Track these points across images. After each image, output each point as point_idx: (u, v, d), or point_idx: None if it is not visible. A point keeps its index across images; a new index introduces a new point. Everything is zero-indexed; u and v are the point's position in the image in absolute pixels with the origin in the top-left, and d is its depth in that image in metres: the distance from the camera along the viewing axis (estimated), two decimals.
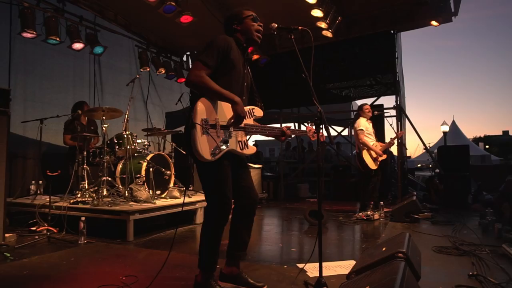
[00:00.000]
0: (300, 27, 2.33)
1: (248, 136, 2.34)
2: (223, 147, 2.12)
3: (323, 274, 2.17)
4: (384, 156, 5.57)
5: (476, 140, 41.01)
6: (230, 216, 2.30)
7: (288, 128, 2.51)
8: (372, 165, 5.42)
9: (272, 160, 11.70)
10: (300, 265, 2.85)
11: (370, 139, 5.52)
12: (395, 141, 5.90)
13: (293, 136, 2.53)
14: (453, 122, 20.77)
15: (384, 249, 2.36)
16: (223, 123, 2.17)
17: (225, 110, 2.20)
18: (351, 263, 2.89)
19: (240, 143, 2.26)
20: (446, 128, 16.75)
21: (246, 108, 2.33)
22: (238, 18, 2.36)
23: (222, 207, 2.18)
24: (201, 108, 2.07)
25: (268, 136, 2.53)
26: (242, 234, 2.40)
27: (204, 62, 2.11)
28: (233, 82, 2.24)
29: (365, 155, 5.42)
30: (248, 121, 2.33)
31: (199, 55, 2.17)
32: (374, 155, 5.46)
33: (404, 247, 2.17)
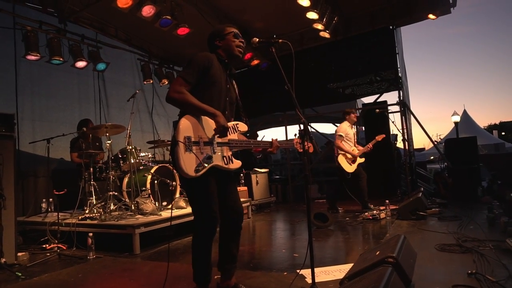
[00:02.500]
0: (280, 40, 2.36)
1: (232, 151, 2.38)
2: (206, 163, 2.17)
3: (322, 280, 2.21)
4: (362, 160, 5.77)
5: (491, 127, 40.04)
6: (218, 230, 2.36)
7: (277, 141, 2.54)
8: (349, 168, 5.61)
9: (281, 163, 11.69)
10: (300, 271, 2.88)
11: (348, 144, 5.72)
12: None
13: (279, 147, 2.55)
14: (464, 112, 20.38)
15: (377, 253, 2.37)
16: (207, 139, 2.23)
17: (211, 125, 2.26)
18: (350, 267, 2.90)
19: (225, 158, 2.31)
20: (457, 118, 16.44)
21: (230, 123, 2.37)
22: (220, 35, 2.42)
23: (209, 220, 2.23)
24: (184, 125, 2.14)
25: (254, 150, 2.56)
26: (230, 248, 2.44)
27: (184, 78, 2.18)
28: (214, 97, 2.29)
29: (341, 159, 5.70)
30: (233, 136, 2.37)
31: (180, 71, 2.23)
32: (350, 157, 5.63)
33: (396, 251, 2.18)
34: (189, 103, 2.15)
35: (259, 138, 9.75)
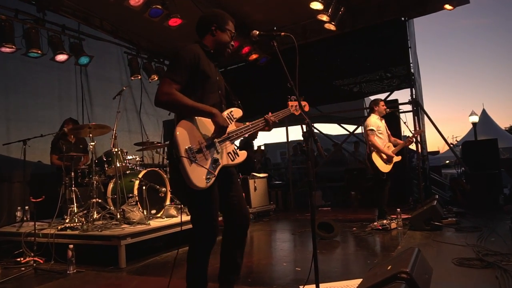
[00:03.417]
0: (282, 33, 2.34)
1: (234, 144, 2.40)
2: (215, 168, 2.20)
3: None
4: (399, 158, 5.53)
5: None
6: (220, 237, 2.35)
7: (272, 115, 2.52)
8: (384, 168, 5.40)
9: (282, 167, 11.67)
10: (303, 287, 2.85)
11: (381, 139, 5.49)
12: (414, 139, 5.84)
13: (277, 121, 2.55)
14: (483, 111, 20.39)
15: (389, 267, 2.34)
16: (208, 141, 2.24)
17: (207, 125, 2.26)
18: (358, 282, 2.87)
19: (229, 154, 2.34)
20: (475, 119, 16.47)
21: (225, 113, 2.38)
22: (221, 24, 2.40)
23: (210, 231, 2.24)
24: (182, 136, 2.13)
25: (255, 132, 2.57)
26: (235, 256, 2.43)
27: (172, 78, 2.16)
28: (209, 94, 2.30)
29: (375, 157, 5.41)
30: (231, 126, 2.37)
31: (166, 71, 2.21)
32: (385, 157, 5.43)
33: (409, 265, 2.15)
34: (182, 105, 2.14)
35: (258, 141, 9.73)
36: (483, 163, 6.83)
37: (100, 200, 4.69)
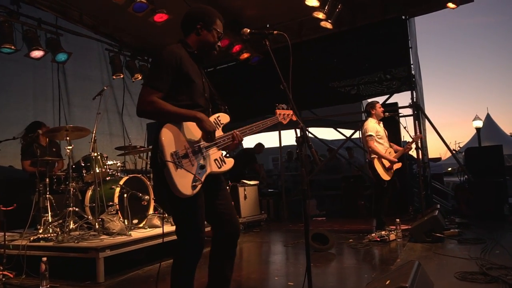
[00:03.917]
0: (275, 31, 2.35)
1: (221, 151, 2.41)
2: (201, 175, 2.21)
3: None
4: (399, 165, 5.56)
5: None
6: (208, 249, 2.36)
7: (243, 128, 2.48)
8: (385, 176, 5.42)
9: (274, 173, 11.68)
10: None
11: (381, 145, 5.52)
12: (413, 145, 5.89)
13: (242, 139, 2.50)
14: (488, 116, 20.66)
15: (388, 282, 2.35)
16: (194, 146, 2.24)
17: (192, 129, 2.28)
18: None
19: (216, 161, 2.35)
20: (479, 124, 16.65)
21: (212, 118, 2.40)
22: (207, 23, 2.39)
23: (196, 242, 2.24)
24: (167, 140, 2.13)
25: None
26: (224, 268, 2.43)
27: (153, 86, 2.16)
28: (194, 98, 2.31)
29: (377, 164, 5.43)
30: (218, 132, 2.38)
31: (146, 77, 2.22)
32: (387, 163, 5.45)
33: (409, 280, 2.16)
34: (166, 113, 2.15)
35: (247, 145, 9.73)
36: (487, 171, 6.89)
37: (77, 209, 4.64)
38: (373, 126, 5.54)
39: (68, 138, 4.70)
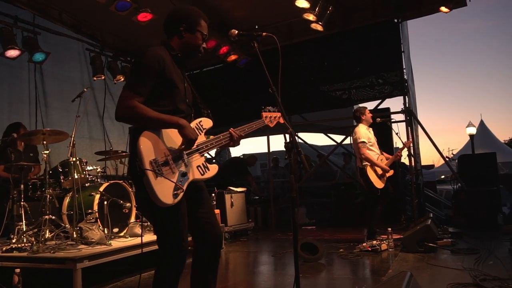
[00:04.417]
0: (264, 33, 2.36)
1: (204, 157, 2.40)
2: (183, 183, 2.19)
3: None
4: (391, 172, 5.62)
5: None
6: (191, 259, 2.34)
7: (239, 128, 2.48)
8: (378, 184, 5.46)
9: (262, 180, 11.67)
10: None
11: (373, 152, 5.57)
12: (403, 152, 5.96)
13: (243, 135, 2.51)
14: (481, 123, 20.96)
15: None
16: (175, 153, 2.23)
17: (173, 135, 2.26)
18: None
19: (199, 168, 2.34)
20: (473, 130, 16.87)
21: (194, 123, 2.39)
22: (191, 24, 2.38)
23: (178, 252, 2.23)
24: (145, 148, 2.12)
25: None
26: (207, 280, 2.41)
27: (133, 90, 2.15)
28: (176, 104, 2.30)
29: (369, 171, 5.47)
30: (200, 138, 2.37)
31: (127, 81, 2.20)
32: (379, 171, 5.50)
33: None
34: (146, 118, 2.14)
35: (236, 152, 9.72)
36: (481, 179, 6.98)
37: (53, 217, 4.58)
38: (365, 133, 5.60)
39: (45, 142, 4.65)
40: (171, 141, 2.24)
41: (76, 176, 4.76)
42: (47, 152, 4.67)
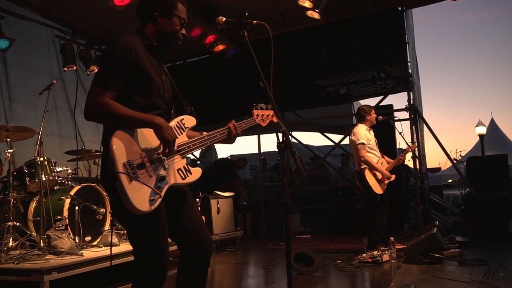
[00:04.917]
0: (254, 21, 2.37)
1: (185, 159, 2.38)
2: (161, 188, 2.16)
3: None
4: (393, 177, 5.65)
5: None
6: (174, 271, 2.35)
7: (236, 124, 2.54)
8: (378, 189, 5.49)
9: (250, 184, 11.68)
10: None
11: (373, 155, 5.60)
12: (406, 156, 5.99)
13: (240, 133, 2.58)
14: (492, 121, 21.17)
15: None
16: (152, 155, 2.20)
17: (148, 136, 2.22)
18: None
19: (180, 171, 2.31)
20: (482, 130, 17.04)
21: (174, 122, 2.35)
22: (167, 8, 2.34)
23: (157, 264, 2.21)
24: (118, 149, 2.08)
25: (212, 143, 2.56)
26: None
27: (103, 85, 2.12)
28: (152, 98, 2.28)
29: (368, 175, 5.50)
30: (181, 138, 2.35)
31: (96, 75, 2.18)
32: (379, 175, 5.54)
33: None
34: (119, 117, 2.10)
35: (223, 153, 9.66)
36: (491, 183, 7.03)
37: (18, 224, 4.58)
38: (365, 134, 5.62)
39: (8, 139, 4.66)
40: (148, 142, 2.21)
41: (43, 178, 4.75)
42: (11, 151, 4.66)
